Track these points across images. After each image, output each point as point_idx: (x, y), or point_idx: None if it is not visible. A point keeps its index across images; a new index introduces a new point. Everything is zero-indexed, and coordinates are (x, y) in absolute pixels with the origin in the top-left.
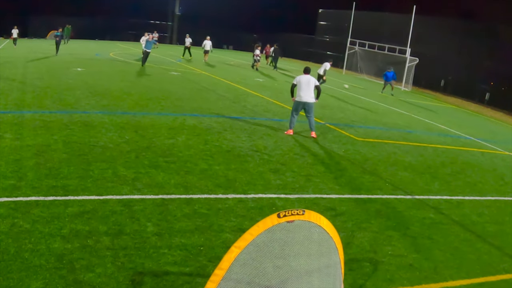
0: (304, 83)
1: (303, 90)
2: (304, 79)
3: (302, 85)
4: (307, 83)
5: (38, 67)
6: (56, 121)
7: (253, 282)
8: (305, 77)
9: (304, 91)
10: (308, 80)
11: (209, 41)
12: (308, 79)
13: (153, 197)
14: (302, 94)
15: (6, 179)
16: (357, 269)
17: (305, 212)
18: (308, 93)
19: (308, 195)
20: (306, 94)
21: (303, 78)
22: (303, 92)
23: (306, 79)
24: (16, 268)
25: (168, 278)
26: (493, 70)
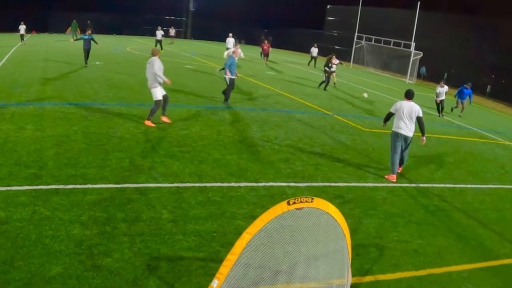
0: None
1: (402, 119)
2: (405, 108)
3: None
4: (409, 113)
5: (58, 61)
6: (75, 113)
7: (264, 266)
8: (407, 105)
9: (403, 121)
10: (410, 109)
11: (231, 38)
12: (410, 107)
13: (168, 186)
14: (401, 124)
15: (27, 168)
16: (364, 254)
17: (313, 199)
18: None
19: (316, 183)
20: (405, 126)
21: (405, 106)
22: (403, 122)
23: (408, 108)
24: (37, 253)
25: (183, 263)
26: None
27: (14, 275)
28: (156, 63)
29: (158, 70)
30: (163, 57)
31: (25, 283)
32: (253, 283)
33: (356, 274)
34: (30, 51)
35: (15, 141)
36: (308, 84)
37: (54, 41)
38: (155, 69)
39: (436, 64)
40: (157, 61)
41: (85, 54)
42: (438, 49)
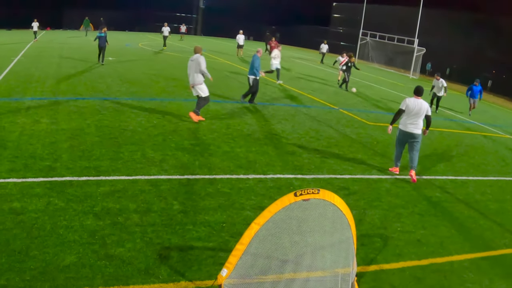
0: (414, 109)
1: (411, 117)
2: (414, 105)
3: (411, 111)
4: (418, 110)
5: (72, 56)
6: (89, 107)
7: (271, 256)
8: (416, 103)
9: (412, 119)
10: (419, 107)
11: (242, 35)
12: (420, 105)
13: (179, 177)
14: (409, 122)
15: (42, 161)
16: (369, 244)
17: (320, 191)
18: (418, 123)
19: (323, 176)
20: (414, 123)
21: (414, 104)
22: (411, 120)
23: (417, 106)
24: (51, 243)
25: (193, 253)
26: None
27: (30, 264)
28: (202, 61)
29: (205, 68)
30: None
31: (40, 272)
32: (261, 272)
33: (361, 263)
34: (45, 47)
35: (31, 134)
36: (314, 80)
37: (68, 38)
38: (203, 68)
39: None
40: (202, 58)
41: (100, 51)
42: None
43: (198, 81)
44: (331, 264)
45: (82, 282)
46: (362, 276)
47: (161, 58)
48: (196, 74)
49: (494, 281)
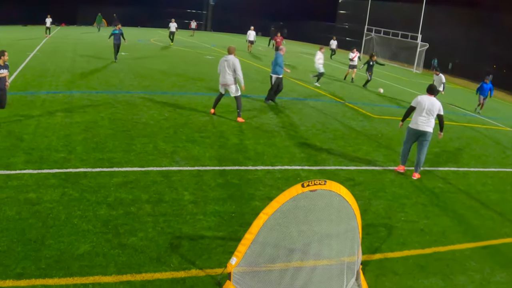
0: (426, 107)
1: (422, 114)
2: (426, 103)
3: (422, 108)
4: (430, 108)
5: (86, 51)
6: (102, 100)
7: (279, 245)
8: (428, 100)
9: (423, 116)
10: (431, 105)
11: (253, 31)
12: (432, 103)
13: (190, 169)
14: (420, 120)
15: (57, 153)
16: (373, 233)
17: (326, 182)
18: (429, 121)
19: (329, 167)
20: (425, 121)
21: (426, 101)
22: (422, 118)
23: (429, 104)
24: (66, 232)
25: (203, 242)
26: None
27: (45, 253)
28: (237, 63)
29: (240, 71)
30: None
31: (55, 260)
32: (269, 260)
33: (366, 252)
34: (60, 43)
35: (46, 127)
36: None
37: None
38: (238, 72)
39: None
40: (237, 60)
41: (115, 49)
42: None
43: (231, 81)
44: (337, 253)
45: (96, 270)
46: (367, 264)
47: (172, 53)
48: (229, 74)
49: (495, 269)
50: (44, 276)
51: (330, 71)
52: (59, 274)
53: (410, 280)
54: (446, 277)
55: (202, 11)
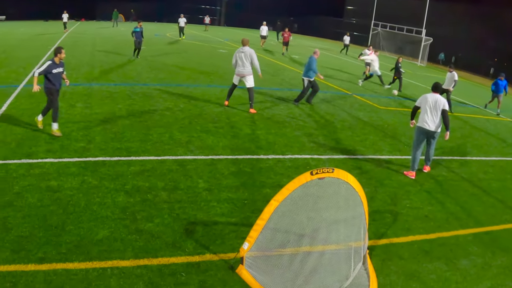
0: (430, 105)
1: (428, 112)
2: (430, 101)
3: (427, 106)
4: (434, 105)
5: (104, 46)
6: (120, 92)
7: (289, 230)
8: (432, 98)
9: (429, 115)
10: (435, 102)
11: (265, 26)
12: (435, 100)
13: (204, 158)
14: (426, 118)
15: (77, 142)
16: (380, 219)
17: (334, 170)
18: (435, 119)
19: (337, 156)
20: (431, 120)
21: (430, 99)
22: (428, 116)
23: (433, 101)
24: (86, 218)
25: (217, 227)
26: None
27: (66, 238)
28: (255, 55)
29: (257, 61)
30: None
31: (75, 245)
32: (280, 245)
33: (372, 237)
34: (80, 37)
35: (66, 117)
36: (329, 67)
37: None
38: (256, 62)
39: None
40: (253, 51)
41: (136, 46)
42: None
43: (248, 72)
44: (345, 238)
45: (114, 255)
46: (373, 249)
47: (187, 47)
48: (246, 65)
49: (496, 254)
50: (64, 261)
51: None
52: (79, 259)
53: (415, 264)
54: (450, 261)
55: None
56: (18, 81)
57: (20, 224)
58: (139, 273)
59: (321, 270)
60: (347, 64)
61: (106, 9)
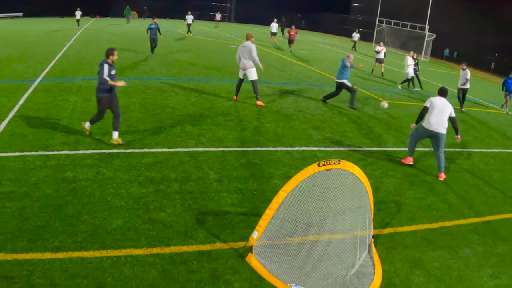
0: (438, 108)
1: (435, 115)
2: (439, 104)
3: (435, 109)
4: (442, 109)
5: (119, 41)
6: (134, 87)
7: (297, 220)
8: (440, 102)
9: (436, 117)
10: (444, 106)
11: (275, 23)
12: (444, 104)
13: (215, 150)
14: (433, 120)
15: (92, 135)
16: (384, 209)
17: (340, 162)
18: (442, 121)
19: (343, 148)
20: (438, 122)
21: (438, 103)
22: (435, 118)
23: (441, 105)
24: (100, 208)
25: (227, 217)
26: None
27: (81, 228)
28: (253, 47)
29: (256, 54)
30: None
31: (90, 234)
32: (288, 234)
33: (377, 226)
34: (94, 34)
35: (81, 111)
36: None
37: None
38: (254, 55)
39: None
40: (254, 45)
41: (151, 43)
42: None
43: (250, 65)
44: (351, 227)
45: (128, 244)
46: (378, 238)
47: (198, 43)
48: (247, 59)
49: (496, 243)
50: (80, 249)
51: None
52: (94, 247)
53: (419, 252)
54: (452, 249)
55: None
56: (35, 75)
57: (37, 214)
58: (152, 261)
59: (328, 258)
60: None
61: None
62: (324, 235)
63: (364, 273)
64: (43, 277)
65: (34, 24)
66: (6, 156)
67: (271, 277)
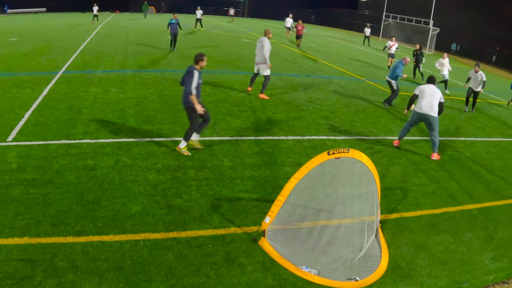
0: (428, 93)
1: (425, 100)
2: (428, 90)
3: (425, 95)
4: (432, 94)
5: (137, 35)
6: (151, 78)
7: (308, 206)
8: (429, 88)
9: (426, 101)
10: (433, 92)
11: (290, 18)
12: (434, 90)
13: (229, 139)
14: (423, 104)
15: (112, 124)
16: (391, 195)
17: (349, 150)
18: (432, 105)
19: (351, 137)
20: (428, 105)
21: (428, 89)
22: (425, 102)
23: (431, 91)
24: (120, 194)
25: (241, 203)
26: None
27: (101, 213)
28: (266, 44)
29: (267, 51)
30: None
31: (110, 219)
32: (299, 219)
33: (384, 212)
34: (114, 28)
35: (102, 101)
36: (344, 55)
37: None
38: (264, 51)
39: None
40: (267, 42)
41: (172, 38)
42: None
43: (261, 61)
44: (359, 213)
45: (146, 228)
46: (385, 223)
47: (214, 36)
48: (260, 54)
49: (498, 227)
50: (100, 233)
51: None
52: (113, 232)
53: (424, 236)
54: (455, 234)
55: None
56: (58, 68)
57: (60, 200)
58: (169, 245)
59: (337, 242)
60: (360, 52)
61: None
62: (334, 220)
63: (371, 256)
64: (65, 260)
65: (56, 18)
66: (30, 144)
67: (282, 260)
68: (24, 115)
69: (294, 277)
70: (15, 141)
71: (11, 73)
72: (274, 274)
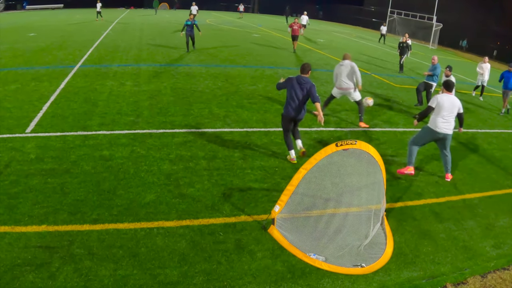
0: (446, 107)
1: (443, 116)
2: (447, 103)
3: (442, 110)
4: (451, 108)
5: (151, 31)
6: (165, 72)
7: (316, 195)
8: (449, 100)
9: (444, 118)
10: (452, 105)
11: (306, 16)
12: (453, 103)
13: (239, 130)
14: (440, 122)
15: (127, 116)
16: (396, 185)
17: (356, 142)
18: (451, 123)
19: (358, 128)
20: (446, 123)
21: (446, 101)
22: (443, 120)
23: (450, 104)
24: (134, 184)
25: (251, 192)
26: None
27: (117, 202)
28: (356, 67)
29: (359, 74)
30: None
31: (125, 208)
32: (307, 208)
33: (389, 201)
34: (129, 24)
35: (117, 94)
36: (350, 50)
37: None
38: (357, 75)
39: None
40: (356, 65)
41: (188, 40)
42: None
43: (349, 86)
44: (366, 202)
45: (160, 216)
46: (390, 211)
47: (224, 32)
48: (347, 79)
49: (499, 215)
50: (115, 222)
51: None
52: (128, 220)
53: (427, 224)
54: (458, 222)
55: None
56: (74, 62)
57: (76, 189)
58: (182, 233)
59: (343, 230)
60: (365, 47)
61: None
62: (341, 209)
63: (377, 244)
64: (82, 247)
65: (73, 14)
66: (48, 136)
67: (291, 247)
68: (42, 108)
69: (302, 263)
70: (34, 132)
71: (29, 67)
72: (283, 261)
